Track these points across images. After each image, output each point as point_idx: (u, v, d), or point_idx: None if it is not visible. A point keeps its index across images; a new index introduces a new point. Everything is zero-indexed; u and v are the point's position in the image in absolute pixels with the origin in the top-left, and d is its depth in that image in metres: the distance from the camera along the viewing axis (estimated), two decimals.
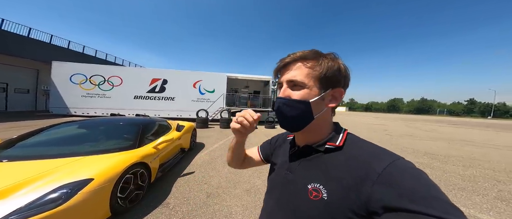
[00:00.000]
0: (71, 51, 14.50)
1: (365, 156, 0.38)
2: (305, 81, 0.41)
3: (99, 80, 9.83)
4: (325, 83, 0.42)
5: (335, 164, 0.40)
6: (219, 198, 2.23)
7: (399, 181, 0.32)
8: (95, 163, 1.54)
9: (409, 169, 0.34)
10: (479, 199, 2.43)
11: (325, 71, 0.41)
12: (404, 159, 0.36)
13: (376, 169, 0.34)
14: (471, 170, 3.61)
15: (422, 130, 10.77)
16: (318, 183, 0.40)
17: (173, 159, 2.92)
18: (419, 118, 27.26)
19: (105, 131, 2.38)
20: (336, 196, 0.36)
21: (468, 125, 16.02)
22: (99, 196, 1.35)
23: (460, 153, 5.03)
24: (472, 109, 52.31)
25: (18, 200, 1.07)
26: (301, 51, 0.44)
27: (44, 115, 9.55)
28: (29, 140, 1.92)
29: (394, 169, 0.34)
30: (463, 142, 6.83)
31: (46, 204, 1.10)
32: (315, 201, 0.38)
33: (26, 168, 1.37)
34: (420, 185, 0.31)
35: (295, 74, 0.42)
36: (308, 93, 0.41)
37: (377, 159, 0.36)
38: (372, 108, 71.79)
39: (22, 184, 1.17)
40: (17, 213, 1.01)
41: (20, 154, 1.64)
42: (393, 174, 0.33)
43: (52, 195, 1.15)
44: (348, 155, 0.40)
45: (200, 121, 7.98)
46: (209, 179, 2.75)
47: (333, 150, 0.42)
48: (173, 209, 1.94)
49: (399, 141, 6.60)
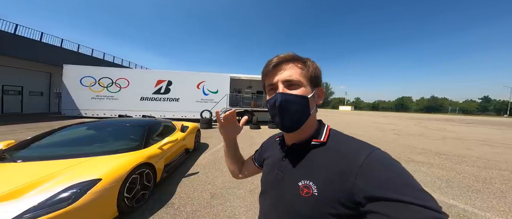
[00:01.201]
0: (80, 54, 15.08)
1: (346, 150, 0.40)
2: (301, 80, 0.43)
3: (107, 83, 10.15)
4: (314, 82, 0.45)
5: (320, 159, 0.42)
6: (223, 198, 2.24)
7: (376, 171, 0.34)
8: (103, 164, 1.59)
9: (384, 160, 0.36)
10: (495, 202, 2.30)
11: (313, 72, 0.45)
12: (380, 150, 0.39)
13: (356, 162, 0.36)
14: (486, 171, 3.43)
15: (432, 129, 10.36)
16: (307, 179, 0.41)
17: (178, 160, 2.97)
18: (430, 117, 26.25)
19: (112, 132, 2.45)
20: (325, 190, 0.38)
21: (482, 124, 15.24)
22: (107, 195, 1.39)
23: (474, 153, 4.79)
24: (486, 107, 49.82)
25: (31, 199, 1.12)
26: (283, 54, 0.46)
27: (57, 116, 9.99)
28: (41, 141, 2.01)
29: (371, 160, 0.36)
30: (477, 142, 6.50)
31: (58, 203, 1.14)
32: (307, 197, 0.39)
33: (38, 168, 1.43)
34: (395, 174, 0.33)
35: (290, 74, 0.43)
36: (305, 91, 0.43)
37: (356, 152, 0.38)
38: (379, 107, 69.90)
39: (35, 184, 1.22)
40: (31, 212, 1.06)
41: (32, 155, 1.72)
42: (371, 165, 0.35)
43: (62, 194, 1.20)
44: (331, 150, 0.42)
45: (204, 121, 8.06)
46: (213, 179, 2.77)
47: (318, 145, 0.44)
48: (178, 209, 1.96)
49: (408, 141, 6.37)
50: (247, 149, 4.73)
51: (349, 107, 68.53)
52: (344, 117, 20.42)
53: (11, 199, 1.10)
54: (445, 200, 2.31)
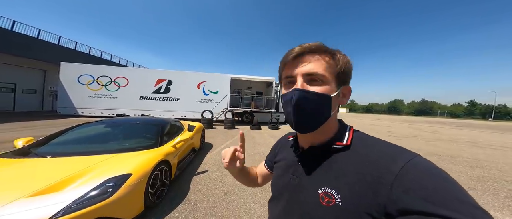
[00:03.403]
0: (77, 52, 14.72)
1: (377, 155, 0.35)
2: (326, 75, 0.38)
3: (106, 81, 9.99)
4: (341, 79, 0.40)
5: (344, 165, 0.37)
6: (236, 195, 2.31)
7: (419, 181, 0.29)
8: (129, 160, 1.65)
9: (430, 169, 0.31)
10: (490, 198, 2.50)
11: (343, 67, 0.39)
12: (422, 157, 0.34)
13: (392, 168, 0.32)
14: (478, 170, 3.67)
15: (425, 131, 10.82)
16: (329, 187, 0.37)
17: (187, 158, 3.02)
18: (420, 120, 27.24)
19: (128, 130, 2.49)
20: (351, 200, 0.34)
21: (470, 127, 16.02)
22: (136, 190, 1.45)
23: (466, 153, 5.09)
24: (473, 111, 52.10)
25: (74, 192, 1.18)
26: (308, 43, 0.39)
27: (52, 115, 9.70)
28: (61, 138, 2.03)
29: (412, 168, 0.31)
30: (468, 143, 6.88)
31: (97, 196, 1.20)
32: (329, 207, 0.35)
33: (70, 163, 1.48)
34: (443, 186, 0.28)
35: (314, 67, 0.38)
36: (329, 89, 0.38)
37: (391, 157, 0.34)
38: (372, 110, 71.75)
39: (73, 177, 1.28)
40: (76, 203, 1.12)
41: (59, 151, 1.75)
42: (412, 173, 0.30)
43: (101, 188, 1.26)
44: (358, 155, 0.37)
45: (205, 121, 8.07)
46: (223, 177, 2.84)
47: (341, 149, 0.39)
48: (195, 205, 2.03)
49: (403, 142, 6.66)
50: (249, 149, 4.81)
51: (345, 110, 69.97)
52: (345, 119, 21.43)
53: (56, 191, 1.15)
54: None
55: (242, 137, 0.52)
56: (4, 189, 1.11)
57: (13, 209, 0.97)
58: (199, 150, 4.00)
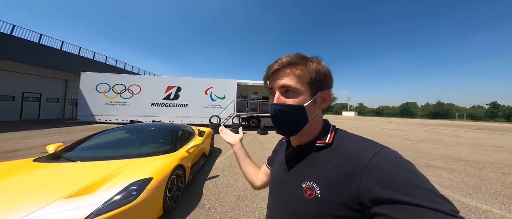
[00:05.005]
0: (96, 62, 15.76)
1: (353, 149, 0.38)
2: (297, 87, 0.42)
3: (120, 89, 10.56)
4: (315, 86, 0.43)
5: (325, 160, 0.41)
6: (249, 200, 2.31)
7: (384, 171, 0.31)
8: (149, 164, 1.73)
9: (394, 159, 0.34)
10: None
11: (314, 75, 0.42)
12: (390, 149, 0.36)
13: (362, 161, 0.35)
14: (511, 177, 3.37)
15: (444, 134, 10.16)
16: (311, 181, 0.40)
17: (198, 163, 3.08)
18: (436, 123, 25.64)
19: (146, 135, 2.62)
20: (328, 192, 0.36)
21: (494, 130, 14.79)
22: (157, 193, 1.51)
23: (494, 159, 4.72)
24: (495, 113, 48.24)
25: (103, 194, 1.27)
26: (287, 56, 0.44)
27: (73, 122, 10.34)
28: (86, 143, 2.19)
29: (379, 159, 0.34)
30: (493, 148, 6.36)
31: (124, 199, 1.28)
32: (310, 199, 0.38)
33: (97, 167, 1.59)
34: (404, 174, 0.30)
35: (287, 81, 0.43)
36: (302, 98, 0.42)
37: (362, 151, 0.37)
38: (383, 113, 68.82)
39: (103, 180, 1.38)
40: (105, 205, 1.20)
41: (87, 156, 1.89)
42: (378, 164, 0.33)
43: (126, 191, 1.33)
44: (337, 151, 0.41)
45: (212, 126, 8.20)
46: (234, 182, 2.85)
47: (323, 147, 0.43)
48: (210, 210, 2.05)
49: (421, 147, 6.29)
50: (258, 153, 4.80)
51: (353, 113, 67.72)
52: (348, 122, 20.01)
53: (88, 193, 1.24)
54: (478, 206, 2.31)
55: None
56: (44, 191, 1.22)
57: (54, 209, 1.06)
58: (209, 155, 4.06)
